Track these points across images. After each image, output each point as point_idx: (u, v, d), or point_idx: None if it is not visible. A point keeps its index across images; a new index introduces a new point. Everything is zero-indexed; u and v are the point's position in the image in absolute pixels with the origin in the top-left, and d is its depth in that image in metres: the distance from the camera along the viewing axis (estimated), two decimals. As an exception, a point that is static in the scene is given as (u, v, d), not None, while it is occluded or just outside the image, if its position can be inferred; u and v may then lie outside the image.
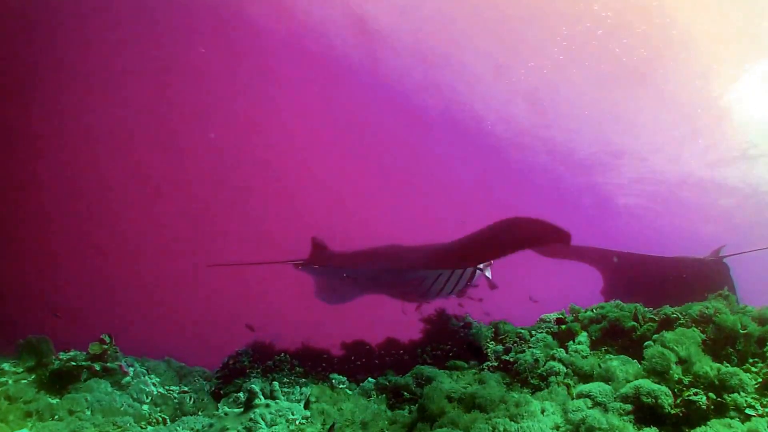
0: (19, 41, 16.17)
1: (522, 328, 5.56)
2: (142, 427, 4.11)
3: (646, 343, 4.15)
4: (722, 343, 3.88)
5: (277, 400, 4.18)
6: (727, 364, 3.48)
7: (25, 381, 4.22)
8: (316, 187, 26.89)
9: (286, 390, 4.56)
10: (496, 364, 4.96)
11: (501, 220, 4.36)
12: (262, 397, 4.15)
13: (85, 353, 4.64)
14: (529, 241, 4.84)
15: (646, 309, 4.92)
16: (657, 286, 7.82)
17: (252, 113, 22.34)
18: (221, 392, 5.00)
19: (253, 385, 4.32)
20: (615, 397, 3.33)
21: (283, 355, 5.58)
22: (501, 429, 2.93)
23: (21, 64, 17.08)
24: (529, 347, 4.87)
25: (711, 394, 3.19)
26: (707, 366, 3.28)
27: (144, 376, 4.95)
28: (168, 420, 4.27)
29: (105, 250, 24.51)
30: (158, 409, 4.58)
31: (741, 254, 8.40)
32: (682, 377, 3.29)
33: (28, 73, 17.56)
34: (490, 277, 5.94)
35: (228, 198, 26.56)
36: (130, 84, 19.64)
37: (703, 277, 7.98)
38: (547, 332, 5.22)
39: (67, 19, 15.90)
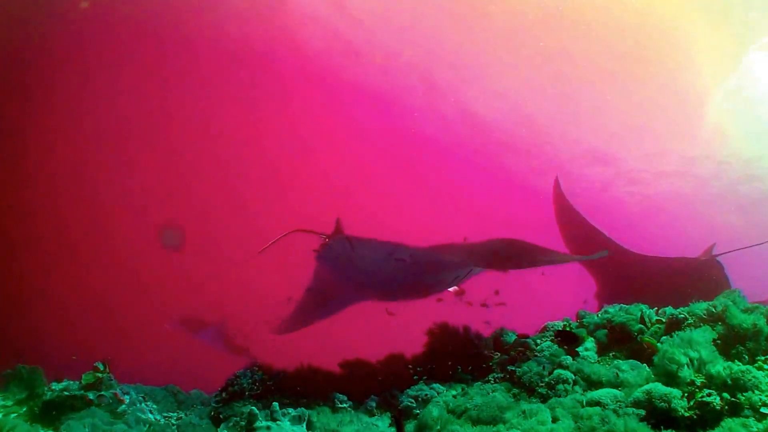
0: (19, 42, 16.22)
1: (527, 337, 5.46)
2: (138, 457, 3.95)
3: (654, 345, 4.06)
4: (732, 341, 3.80)
5: (278, 422, 4.04)
6: (739, 363, 3.39)
7: (15, 414, 4.07)
8: (313, 186, 26.70)
9: (286, 411, 4.41)
10: (501, 375, 4.84)
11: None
12: (262, 419, 4.02)
13: (78, 382, 4.49)
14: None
15: (652, 311, 4.84)
16: (652, 287, 7.69)
17: (249, 115, 22.38)
18: (220, 416, 4.85)
19: (252, 408, 4.19)
20: (627, 403, 3.23)
21: (282, 374, 5.44)
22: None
23: (20, 65, 17.09)
24: (535, 355, 4.76)
25: (725, 394, 3.09)
26: (719, 366, 3.19)
27: (140, 404, 4.80)
28: (166, 448, 4.13)
29: (93, 269, 24.01)
30: (156, 437, 4.43)
31: (735, 251, 8.30)
32: (694, 378, 3.19)
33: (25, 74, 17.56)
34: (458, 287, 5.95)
35: (228, 202, 26.24)
36: (127, 87, 19.65)
37: (698, 276, 7.89)
38: (552, 340, 5.12)
39: (66, 20, 15.98)
